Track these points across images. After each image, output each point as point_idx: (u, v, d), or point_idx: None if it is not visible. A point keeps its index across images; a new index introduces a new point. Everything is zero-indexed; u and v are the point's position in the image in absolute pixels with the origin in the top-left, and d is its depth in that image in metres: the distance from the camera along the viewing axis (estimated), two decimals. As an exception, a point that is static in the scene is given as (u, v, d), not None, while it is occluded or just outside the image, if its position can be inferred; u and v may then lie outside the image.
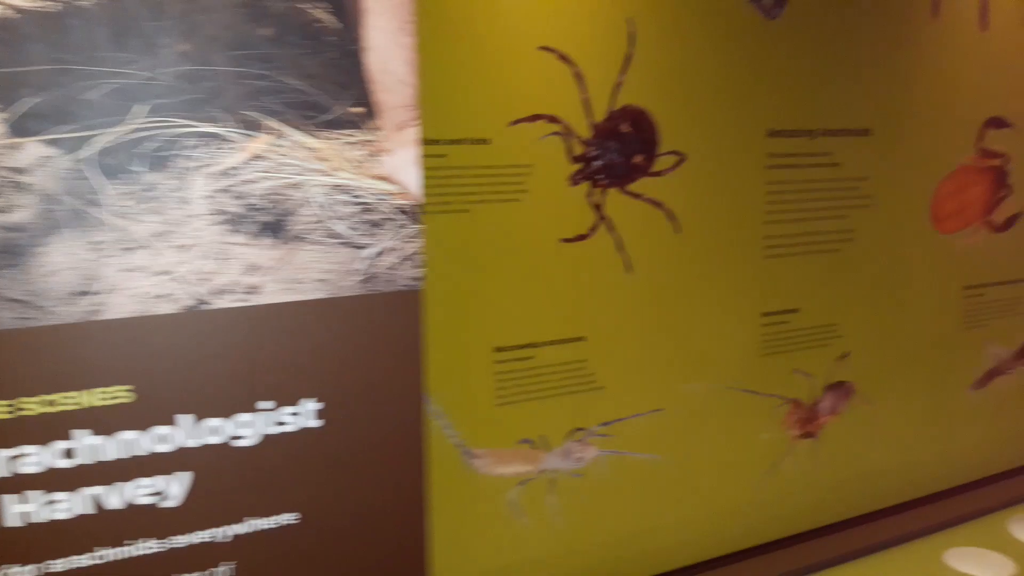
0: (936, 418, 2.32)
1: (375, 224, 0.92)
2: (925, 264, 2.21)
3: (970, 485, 2.42)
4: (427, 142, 1.49)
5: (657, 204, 1.77)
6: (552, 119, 1.63)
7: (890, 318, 2.17)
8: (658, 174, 1.77)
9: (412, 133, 0.91)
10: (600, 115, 1.68)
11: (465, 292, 1.58)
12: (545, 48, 1.59)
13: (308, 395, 0.94)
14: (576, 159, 1.67)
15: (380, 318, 0.93)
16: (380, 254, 0.92)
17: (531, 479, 1.72)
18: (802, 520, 2.12)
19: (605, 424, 1.79)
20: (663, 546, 1.92)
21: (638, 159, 1.74)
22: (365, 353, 0.94)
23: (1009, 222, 2.34)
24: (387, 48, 0.88)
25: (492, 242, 1.60)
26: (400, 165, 0.91)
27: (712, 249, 1.86)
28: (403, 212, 0.93)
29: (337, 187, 0.89)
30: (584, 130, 1.66)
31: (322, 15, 0.87)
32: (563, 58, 1.61)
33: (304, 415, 0.94)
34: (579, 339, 1.73)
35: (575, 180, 1.68)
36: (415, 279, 0.94)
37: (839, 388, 2.10)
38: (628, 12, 1.67)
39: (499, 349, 1.64)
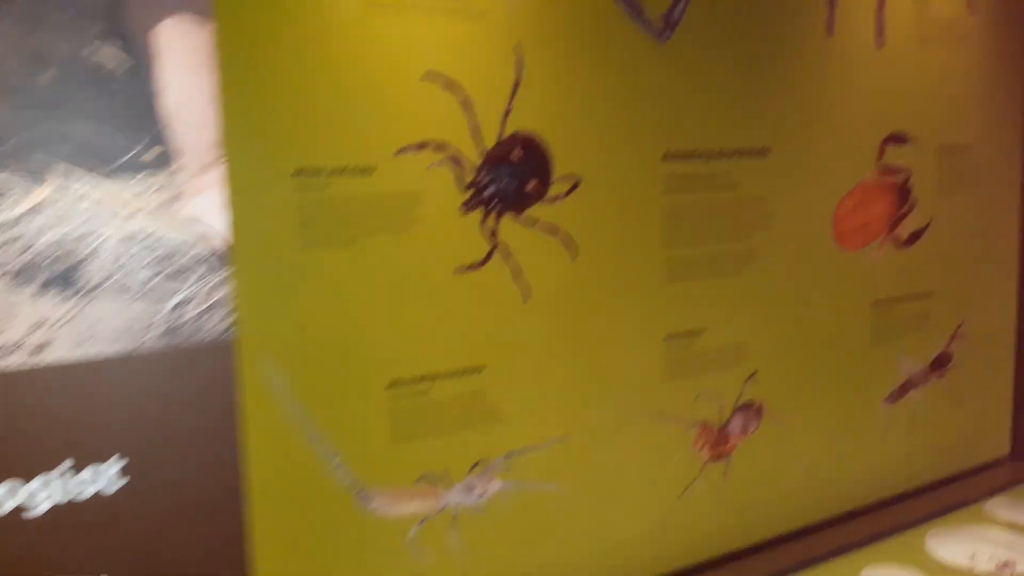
0: (850, 434, 2.32)
1: (177, 272, 0.87)
2: (831, 281, 2.22)
3: (887, 501, 2.42)
4: (306, 172, 1.44)
5: (553, 230, 1.75)
6: (440, 146, 1.59)
7: (798, 336, 2.17)
8: (553, 200, 1.75)
9: (216, 174, 0.87)
10: (490, 142, 1.66)
11: (355, 327, 1.53)
12: (431, 75, 1.56)
13: (109, 455, 0.88)
14: (468, 186, 1.64)
15: (186, 371, 0.88)
16: (183, 304, 0.87)
17: (432, 517, 1.67)
18: (716, 544, 2.10)
19: (508, 455, 1.75)
20: (574, 578, 1.87)
21: (531, 185, 1.72)
22: (172, 408, 0.88)
23: (914, 237, 2.36)
24: (185, 89, 0.83)
25: (382, 274, 1.55)
26: (204, 208, 0.86)
27: (611, 274, 1.84)
28: (209, 258, 0.88)
29: (133, 235, 0.84)
30: (475, 157, 1.64)
31: (110, 57, 0.82)
32: (449, 85, 1.59)
33: (105, 476, 0.88)
34: (478, 370, 1.69)
35: (467, 208, 1.65)
36: (225, 328, 0.89)
37: (748, 408, 2.09)
38: (515, 38, 1.65)
39: (393, 384, 1.59)
